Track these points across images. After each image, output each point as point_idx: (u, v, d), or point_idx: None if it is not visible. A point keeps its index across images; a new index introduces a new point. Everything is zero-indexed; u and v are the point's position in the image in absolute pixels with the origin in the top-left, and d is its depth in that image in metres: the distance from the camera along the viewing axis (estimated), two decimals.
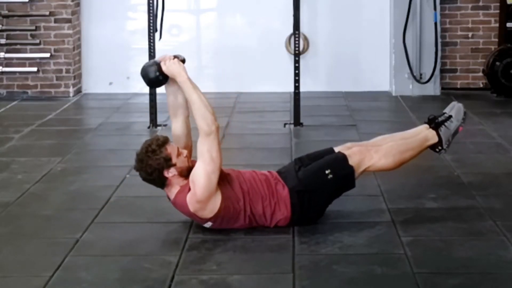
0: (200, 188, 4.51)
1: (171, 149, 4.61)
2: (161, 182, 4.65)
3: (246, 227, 4.67)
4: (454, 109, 5.15)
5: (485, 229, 4.71)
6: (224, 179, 4.64)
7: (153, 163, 4.58)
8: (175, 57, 4.68)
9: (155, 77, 4.62)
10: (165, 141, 4.63)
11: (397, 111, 8.40)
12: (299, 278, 4.04)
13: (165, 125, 7.56)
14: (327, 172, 4.76)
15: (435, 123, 5.06)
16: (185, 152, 4.68)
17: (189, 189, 4.56)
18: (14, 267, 4.25)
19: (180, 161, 4.62)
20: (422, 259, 4.27)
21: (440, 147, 5.05)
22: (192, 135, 4.83)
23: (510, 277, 4.06)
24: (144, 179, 4.68)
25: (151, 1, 7.53)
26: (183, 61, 4.67)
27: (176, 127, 4.85)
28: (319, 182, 4.74)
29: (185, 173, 4.62)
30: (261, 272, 4.15)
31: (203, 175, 4.49)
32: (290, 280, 4.02)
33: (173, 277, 4.06)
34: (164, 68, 4.64)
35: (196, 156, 4.56)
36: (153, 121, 7.55)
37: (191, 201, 4.55)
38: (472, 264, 4.21)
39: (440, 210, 5.07)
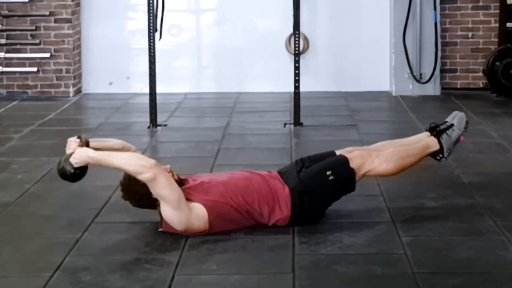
0: (178, 224, 4.51)
1: None
2: (152, 204, 4.61)
3: (246, 226, 4.67)
4: (456, 118, 5.14)
5: (485, 229, 4.71)
6: (200, 192, 4.60)
7: (139, 189, 4.54)
8: (78, 138, 4.59)
9: (72, 174, 4.54)
10: None
11: (397, 111, 8.39)
12: (299, 278, 4.03)
13: (165, 125, 7.56)
14: (328, 173, 4.76)
15: (436, 131, 5.06)
16: (167, 167, 4.64)
17: None
18: (14, 267, 4.25)
19: None
20: (422, 259, 4.26)
21: (441, 155, 5.04)
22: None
23: (510, 277, 4.06)
24: (135, 206, 4.65)
25: (151, 1, 7.52)
26: (87, 142, 4.58)
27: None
28: (320, 183, 4.74)
29: None
30: (261, 272, 4.14)
31: (173, 213, 4.48)
32: (290, 280, 4.02)
33: (173, 277, 4.06)
34: (74, 162, 4.52)
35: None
36: (153, 121, 7.54)
37: (181, 231, 4.55)
38: (472, 264, 4.21)
39: (440, 210, 5.06)
